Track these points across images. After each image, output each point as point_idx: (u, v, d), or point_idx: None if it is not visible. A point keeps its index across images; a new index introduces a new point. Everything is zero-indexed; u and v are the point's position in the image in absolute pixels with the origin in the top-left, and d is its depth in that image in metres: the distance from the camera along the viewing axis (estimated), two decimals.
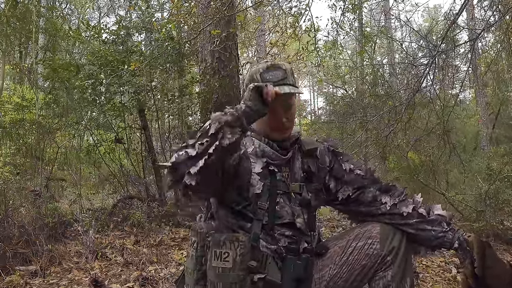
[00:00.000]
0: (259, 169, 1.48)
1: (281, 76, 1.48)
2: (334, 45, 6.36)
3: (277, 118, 1.51)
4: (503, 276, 1.35)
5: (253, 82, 1.50)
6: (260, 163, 1.50)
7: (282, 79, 1.48)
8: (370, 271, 1.49)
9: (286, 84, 1.47)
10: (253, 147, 1.52)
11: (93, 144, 5.60)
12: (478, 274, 1.31)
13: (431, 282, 3.02)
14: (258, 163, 1.49)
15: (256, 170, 1.48)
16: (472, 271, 1.33)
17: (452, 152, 5.20)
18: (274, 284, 1.42)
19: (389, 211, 1.56)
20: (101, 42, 5.31)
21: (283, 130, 1.54)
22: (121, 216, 4.48)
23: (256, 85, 1.31)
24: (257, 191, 1.46)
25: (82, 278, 2.85)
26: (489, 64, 6.25)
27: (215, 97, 5.25)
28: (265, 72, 1.50)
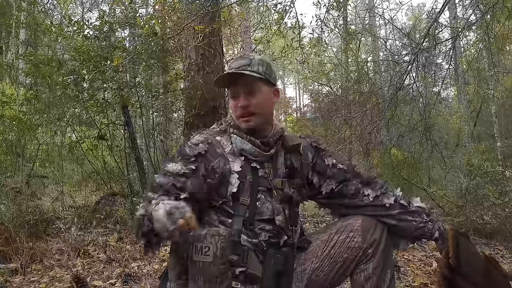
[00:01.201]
0: (238, 168, 1.49)
1: (243, 64, 1.51)
2: (319, 42, 6.39)
3: (238, 103, 1.53)
4: (477, 266, 1.38)
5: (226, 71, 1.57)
6: (239, 161, 1.51)
7: (244, 65, 1.51)
8: (352, 264, 1.51)
9: (246, 70, 1.49)
10: (231, 146, 1.53)
11: (75, 141, 5.54)
12: (453, 264, 1.34)
13: (412, 275, 3.07)
14: (236, 161, 1.50)
15: (235, 168, 1.49)
16: (447, 261, 1.36)
17: (433, 149, 5.29)
18: (255, 277, 1.43)
19: (372, 202, 1.59)
20: (84, 38, 5.25)
21: (246, 118, 1.53)
22: (104, 213, 4.45)
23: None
24: (233, 189, 1.47)
25: (63, 275, 2.82)
26: (470, 62, 6.35)
27: (199, 94, 5.23)
28: (233, 61, 1.57)
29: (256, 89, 1.53)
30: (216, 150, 1.50)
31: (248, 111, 1.52)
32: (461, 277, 1.35)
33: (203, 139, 1.50)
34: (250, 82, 1.52)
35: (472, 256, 1.41)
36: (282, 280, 1.46)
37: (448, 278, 1.34)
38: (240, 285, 1.43)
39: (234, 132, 1.55)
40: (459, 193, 5.16)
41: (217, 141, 1.53)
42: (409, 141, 5.94)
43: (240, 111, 1.52)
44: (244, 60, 1.53)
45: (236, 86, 1.53)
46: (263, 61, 1.55)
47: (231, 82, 1.53)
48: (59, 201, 5.02)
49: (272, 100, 1.58)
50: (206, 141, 1.50)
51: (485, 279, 1.36)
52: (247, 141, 1.52)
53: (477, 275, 1.36)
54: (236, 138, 1.54)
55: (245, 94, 1.52)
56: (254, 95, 1.52)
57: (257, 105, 1.53)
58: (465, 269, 1.35)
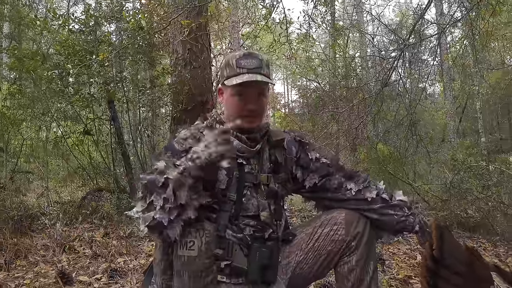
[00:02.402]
0: (226, 164, 1.49)
1: (256, 65, 1.50)
2: (306, 37, 6.39)
3: (247, 105, 1.52)
4: (460, 257, 1.40)
5: (228, 68, 1.52)
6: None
7: (257, 67, 1.50)
8: (335, 256, 1.53)
9: (259, 73, 1.49)
10: None
11: (60, 136, 5.47)
12: (436, 256, 1.36)
13: (397, 268, 3.11)
14: None
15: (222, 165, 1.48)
16: (431, 253, 1.38)
17: (419, 144, 5.35)
18: (240, 270, 1.44)
19: (354, 196, 1.60)
20: (69, 32, 5.18)
21: (251, 118, 1.54)
22: (90, 208, 4.42)
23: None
24: (222, 186, 1.48)
25: (48, 271, 2.79)
26: (454, 58, 6.43)
27: (186, 89, 5.20)
28: (241, 58, 1.51)
29: (264, 93, 1.56)
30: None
31: (256, 114, 1.53)
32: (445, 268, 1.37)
33: (191, 134, 1.49)
34: (264, 86, 1.54)
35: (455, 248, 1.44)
36: (267, 273, 1.47)
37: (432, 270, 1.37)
38: (226, 278, 1.44)
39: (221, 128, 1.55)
40: (444, 188, 5.23)
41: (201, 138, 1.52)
42: (395, 137, 6.00)
43: (247, 113, 1.52)
44: (255, 60, 1.51)
45: (248, 89, 1.51)
46: (268, 62, 1.56)
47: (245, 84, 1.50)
48: (44, 197, 4.97)
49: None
50: (193, 136, 1.48)
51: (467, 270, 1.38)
52: (234, 137, 1.52)
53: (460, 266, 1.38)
54: None
55: (255, 97, 1.52)
56: (262, 98, 1.54)
57: (263, 108, 1.56)
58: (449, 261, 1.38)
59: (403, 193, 1.64)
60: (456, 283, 1.35)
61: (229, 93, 1.54)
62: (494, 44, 12.35)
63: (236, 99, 1.52)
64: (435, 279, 1.35)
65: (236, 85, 1.49)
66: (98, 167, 5.39)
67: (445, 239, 1.40)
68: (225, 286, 1.44)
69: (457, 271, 1.37)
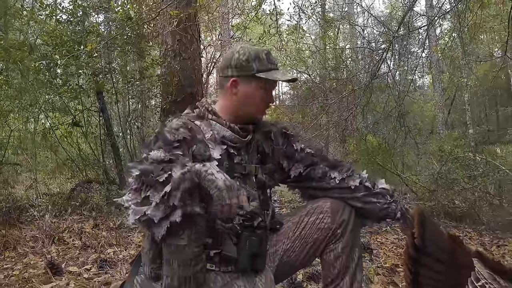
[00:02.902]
0: (218, 155, 1.48)
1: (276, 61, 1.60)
2: (296, 29, 6.40)
3: (268, 102, 1.60)
4: (442, 245, 1.43)
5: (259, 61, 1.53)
6: (219, 149, 1.50)
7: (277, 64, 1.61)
8: (321, 244, 1.56)
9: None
10: (211, 132, 1.52)
11: (49, 128, 5.42)
12: (418, 244, 1.39)
13: (384, 257, 3.16)
14: (216, 149, 1.49)
15: (215, 155, 1.47)
16: (413, 241, 1.41)
17: (407, 135, 5.41)
18: (230, 259, 1.46)
19: (338, 185, 1.64)
20: (57, 22, 5.11)
21: (266, 112, 1.65)
22: (80, 200, 4.40)
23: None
24: None
25: (38, 262, 2.79)
26: (443, 49, 6.47)
27: (176, 80, 5.18)
28: (268, 54, 1.56)
29: None
30: (197, 136, 1.47)
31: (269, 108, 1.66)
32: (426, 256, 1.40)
33: (183, 124, 1.47)
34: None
35: (436, 236, 1.46)
36: (257, 261, 1.49)
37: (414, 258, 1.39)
38: (215, 266, 1.45)
39: (213, 119, 1.55)
40: (431, 178, 5.29)
41: (196, 127, 1.50)
42: (384, 128, 6.05)
43: (266, 106, 1.61)
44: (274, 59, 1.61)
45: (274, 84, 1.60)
46: None
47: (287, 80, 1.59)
48: (32, 189, 4.93)
49: None
50: (186, 126, 1.46)
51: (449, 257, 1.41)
52: (227, 128, 1.53)
53: (442, 253, 1.41)
54: (215, 125, 1.53)
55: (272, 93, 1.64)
56: None
57: None
58: (430, 248, 1.40)
59: (389, 182, 1.68)
60: (438, 270, 1.37)
61: (257, 86, 1.54)
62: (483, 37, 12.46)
63: (262, 92, 1.55)
64: (417, 267, 1.38)
65: (268, 81, 1.54)
66: (87, 159, 5.36)
67: (426, 227, 1.42)
68: (214, 274, 1.45)
69: (439, 258, 1.39)
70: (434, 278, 1.37)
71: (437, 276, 1.37)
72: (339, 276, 1.53)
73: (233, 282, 1.45)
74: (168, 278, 1.37)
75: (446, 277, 1.37)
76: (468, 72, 10.16)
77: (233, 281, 1.46)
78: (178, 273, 1.35)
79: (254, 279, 1.48)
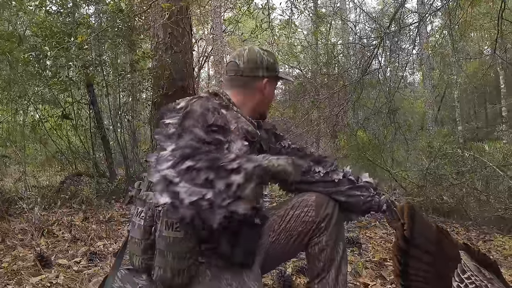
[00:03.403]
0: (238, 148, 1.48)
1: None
2: (288, 23, 6.40)
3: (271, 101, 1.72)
4: (430, 237, 1.46)
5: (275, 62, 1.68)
6: (240, 142, 1.50)
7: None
8: (306, 237, 1.58)
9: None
10: (236, 124, 1.52)
11: (38, 120, 5.37)
12: (407, 236, 1.42)
13: (373, 251, 3.20)
14: (237, 142, 1.49)
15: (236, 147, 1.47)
16: (402, 234, 1.44)
17: (397, 131, 5.45)
18: (225, 253, 1.47)
19: (322, 178, 1.67)
20: (46, 13, 5.05)
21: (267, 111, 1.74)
22: (69, 193, 4.38)
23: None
24: None
25: (27, 254, 2.77)
26: (433, 46, 6.52)
27: (167, 74, 5.16)
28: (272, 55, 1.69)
29: None
30: (229, 125, 1.49)
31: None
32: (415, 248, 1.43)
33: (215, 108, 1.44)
34: None
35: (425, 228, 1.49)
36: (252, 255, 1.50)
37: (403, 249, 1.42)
38: (205, 260, 1.46)
39: (238, 111, 1.57)
40: (420, 174, 5.35)
41: (225, 115, 1.50)
42: (374, 124, 6.09)
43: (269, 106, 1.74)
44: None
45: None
46: None
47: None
48: (21, 182, 4.89)
49: None
50: (218, 111, 1.45)
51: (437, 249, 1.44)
52: (249, 122, 1.57)
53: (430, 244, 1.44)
54: (240, 118, 1.55)
55: None
56: None
57: None
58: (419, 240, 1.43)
59: (378, 178, 1.71)
60: (426, 261, 1.40)
61: (274, 85, 1.72)
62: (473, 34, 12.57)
63: (272, 91, 1.71)
64: (406, 258, 1.41)
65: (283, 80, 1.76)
66: (77, 152, 5.32)
67: (416, 220, 1.45)
68: (203, 267, 1.46)
69: (427, 250, 1.42)
70: (423, 269, 1.40)
71: (425, 267, 1.40)
72: (325, 269, 1.56)
73: (221, 276, 1.46)
74: (161, 269, 1.38)
75: (433, 269, 1.40)
76: (458, 70, 10.25)
77: (221, 274, 1.47)
78: (172, 265, 1.36)
79: (242, 273, 1.49)
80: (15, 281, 2.23)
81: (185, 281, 1.40)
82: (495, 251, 3.57)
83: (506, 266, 3.10)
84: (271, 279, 2.32)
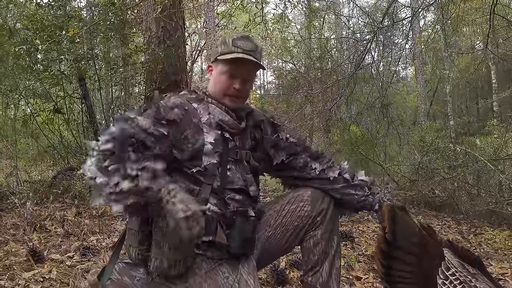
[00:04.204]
0: (212, 139, 1.50)
1: (251, 48, 1.52)
2: (282, 17, 6.38)
3: (234, 84, 1.53)
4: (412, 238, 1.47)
5: (224, 45, 1.53)
6: (213, 133, 1.51)
7: (252, 50, 1.53)
8: (301, 231, 1.60)
9: (253, 56, 1.53)
10: (208, 116, 1.53)
11: (29, 114, 5.32)
12: (389, 238, 1.42)
13: (365, 245, 3.23)
14: (211, 133, 1.51)
15: (208, 140, 1.49)
16: (384, 236, 1.44)
17: (390, 126, 5.48)
18: (221, 245, 1.48)
19: (318, 176, 1.68)
20: (37, 6, 5.00)
21: (234, 98, 1.55)
22: (62, 188, 4.35)
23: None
24: (206, 160, 1.48)
25: (19, 249, 2.76)
26: (426, 41, 6.55)
27: (160, 68, 5.13)
28: (239, 39, 1.53)
29: (253, 77, 1.62)
30: (192, 119, 1.49)
31: (240, 94, 1.55)
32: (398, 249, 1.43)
33: (180, 104, 1.48)
34: (254, 70, 1.58)
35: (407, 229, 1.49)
36: (248, 247, 1.51)
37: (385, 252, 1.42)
38: (205, 251, 1.47)
39: (213, 103, 1.55)
40: (413, 169, 5.40)
41: (193, 109, 1.51)
42: (367, 118, 6.12)
43: (233, 92, 1.54)
44: (251, 43, 1.54)
45: (239, 68, 1.53)
46: (262, 50, 1.61)
47: (238, 62, 1.52)
48: (13, 176, 4.85)
49: None
50: (182, 106, 1.47)
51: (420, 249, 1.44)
52: (225, 112, 1.54)
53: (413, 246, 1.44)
54: (215, 109, 1.54)
55: (244, 79, 1.55)
56: (250, 82, 1.59)
57: (248, 92, 1.60)
58: (401, 242, 1.43)
59: (371, 172, 1.72)
60: (409, 262, 1.41)
61: (219, 70, 1.54)
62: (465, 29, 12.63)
63: (225, 77, 1.53)
64: (389, 261, 1.41)
65: (228, 63, 1.51)
66: (69, 146, 5.29)
67: (397, 222, 1.45)
68: (200, 259, 1.46)
69: (410, 251, 1.43)
70: (406, 270, 1.41)
71: (409, 268, 1.41)
72: (319, 263, 1.57)
73: (217, 269, 1.47)
74: (157, 260, 1.39)
75: (418, 269, 1.41)
76: (450, 64, 10.31)
77: (218, 267, 1.48)
78: (168, 256, 1.38)
79: (238, 266, 1.50)
80: (7, 276, 2.21)
81: (182, 272, 1.41)
82: (486, 244, 3.62)
83: (497, 259, 3.14)
84: (265, 273, 2.33)
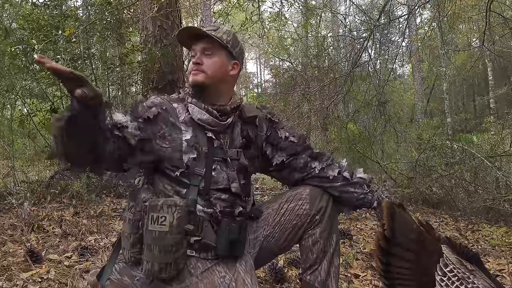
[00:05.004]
0: (189, 137, 1.49)
1: (210, 28, 1.53)
2: (278, 16, 6.37)
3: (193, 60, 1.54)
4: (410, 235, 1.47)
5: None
6: (190, 131, 1.50)
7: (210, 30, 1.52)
8: (300, 229, 1.59)
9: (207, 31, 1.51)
10: (185, 115, 1.52)
11: (26, 114, 5.30)
12: (387, 235, 1.43)
13: (363, 243, 3.23)
14: (188, 131, 1.50)
15: (185, 137, 1.49)
16: (382, 233, 1.45)
17: (387, 123, 5.50)
18: (209, 246, 1.48)
19: (317, 174, 1.66)
20: (33, 5, 4.98)
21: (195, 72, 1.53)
22: (59, 188, 4.34)
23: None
24: (192, 155, 1.48)
25: (17, 250, 2.75)
26: (422, 38, 6.56)
27: (157, 67, 5.12)
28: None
29: (214, 53, 1.53)
30: (169, 118, 1.49)
31: (200, 68, 1.52)
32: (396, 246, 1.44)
33: (158, 103, 1.50)
34: (211, 43, 1.52)
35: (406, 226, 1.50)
36: (235, 248, 1.50)
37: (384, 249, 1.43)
38: (195, 253, 1.47)
39: (192, 102, 1.53)
40: (410, 166, 5.41)
41: (172, 108, 1.51)
42: (365, 116, 6.13)
43: (192, 67, 1.53)
44: (212, 26, 1.55)
45: (197, 44, 1.54)
46: (230, 32, 1.56)
47: (194, 40, 1.53)
48: (10, 177, 4.84)
49: (228, 70, 1.56)
50: (160, 106, 1.49)
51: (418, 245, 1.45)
52: (205, 111, 1.52)
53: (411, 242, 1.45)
54: (193, 108, 1.52)
55: (202, 52, 1.53)
56: (211, 57, 1.53)
57: (210, 67, 1.52)
58: (400, 239, 1.44)
59: (369, 170, 1.72)
60: (408, 258, 1.41)
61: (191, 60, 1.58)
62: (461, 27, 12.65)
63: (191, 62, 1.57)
64: (388, 257, 1.42)
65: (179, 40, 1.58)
66: None
67: (395, 219, 1.46)
68: (194, 260, 1.47)
69: (409, 248, 1.43)
70: (405, 267, 1.41)
71: (407, 265, 1.41)
72: (317, 261, 1.57)
73: (213, 268, 1.47)
74: (148, 263, 1.40)
75: (416, 265, 1.41)
76: (446, 62, 10.33)
77: (214, 267, 1.48)
78: (159, 259, 1.38)
79: (235, 265, 1.50)
80: (5, 277, 2.21)
81: (173, 274, 1.41)
82: (483, 241, 3.63)
83: (494, 255, 3.15)
84: (263, 271, 2.34)
